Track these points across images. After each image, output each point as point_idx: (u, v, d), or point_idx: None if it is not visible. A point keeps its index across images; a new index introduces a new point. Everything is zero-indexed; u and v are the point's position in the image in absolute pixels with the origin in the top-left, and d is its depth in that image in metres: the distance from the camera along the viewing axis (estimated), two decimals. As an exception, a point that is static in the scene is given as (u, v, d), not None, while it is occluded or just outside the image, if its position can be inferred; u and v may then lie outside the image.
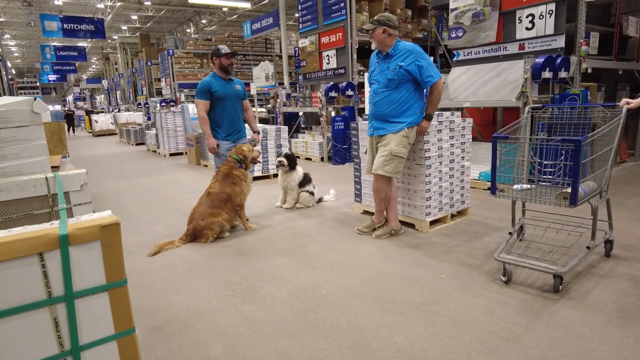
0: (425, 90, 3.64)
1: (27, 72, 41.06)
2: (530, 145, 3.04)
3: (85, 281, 1.09)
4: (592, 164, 2.93)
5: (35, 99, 2.34)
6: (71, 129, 22.32)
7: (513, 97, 5.32)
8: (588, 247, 2.91)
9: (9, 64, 25.82)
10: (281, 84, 15.79)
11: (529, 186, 3.16)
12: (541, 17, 5.42)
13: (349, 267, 3.21)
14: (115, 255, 1.12)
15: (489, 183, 5.50)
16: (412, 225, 4.07)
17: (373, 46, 3.60)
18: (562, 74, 5.24)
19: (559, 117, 3.35)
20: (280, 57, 16.97)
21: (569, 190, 2.66)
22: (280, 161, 4.92)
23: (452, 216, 4.27)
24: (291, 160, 4.95)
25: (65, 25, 16.65)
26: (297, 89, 14.37)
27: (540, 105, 3.53)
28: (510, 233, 3.30)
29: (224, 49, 4.35)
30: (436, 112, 3.77)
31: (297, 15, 21.33)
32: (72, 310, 1.07)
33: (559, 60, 5.16)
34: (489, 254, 3.35)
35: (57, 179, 1.83)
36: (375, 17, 3.53)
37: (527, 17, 5.59)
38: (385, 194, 3.69)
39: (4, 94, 13.26)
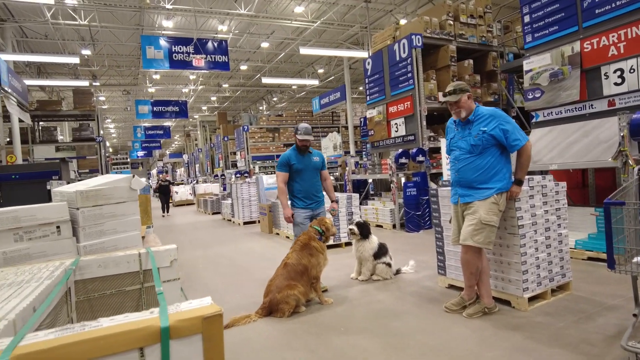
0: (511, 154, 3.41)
1: (121, 150, 46.22)
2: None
3: (183, 380, 1.00)
4: None
5: (133, 175, 2.49)
6: (166, 207, 16.03)
7: (608, 157, 4.84)
8: None
9: (107, 144, 29.35)
10: (347, 152, 16.12)
11: (650, 258, 2.70)
12: (632, 70, 5.05)
13: (443, 352, 2.86)
14: (216, 351, 1.03)
15: (588, 252, 4.91)
16: (507, 302, 3.62)
17: (463, 115, 3.47)
18: (666, 130, 4.71)
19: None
20: (347, 127, 17.54)
21: None
22: (351, 229, 4.80)
23: (553, 291, 3.77)
24: (363, 229, 4.79)
25: (154, 108, 18.77)
26: (364, 156, 14.55)
27: (652, 165, 3.13)
28: (635, 315, 2.78)
29: (302, 130, 4.46)
30: (525, 177, 3.49)
31: (361, 88, 22.24)
32: (169, 414, 0.97)
33: (660, 115, 4.67)
34: (610, 340, 2.83)
35: (150, 256, 1.84)
36: (453, 88, 3.44)
37: (614, 72, 5.25)
38: (476, 267, 3.36)
39: (102, 169, 14.85)
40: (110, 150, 44.38)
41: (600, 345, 2.78)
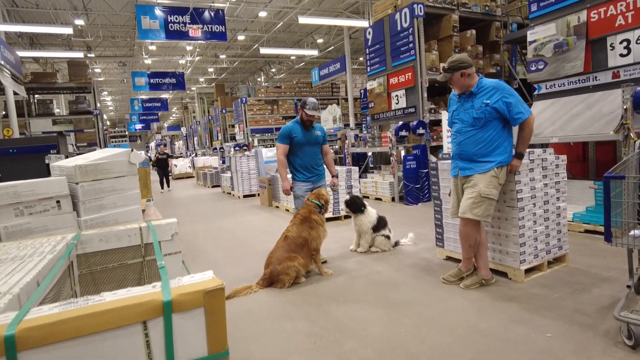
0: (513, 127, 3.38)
1: (118, 123, 45.86)
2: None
3: (186, 353, 1.02)
4: None
5: (132, 150, 2.47)
6: (164, 181, 15.07)
7: (610, 130, 4.81)
8: None
9: (104, 117, 29.06)
10: (347, 125, 16.00)
11: (647, 232, 2.72)
12: (638, 41, 4.94)
13: (439, 322, 2.92)
14: (219, 324, 1.04)
15: (586, 225, 4.95)
16: (504, 274, 3.68)
17: (456, 92, 3.44)
18: (670, 102, 4.66)
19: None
20: (346, 99, 17.33)
21: None
22: (344, 208, 4.90)
23: (549, 263, 3.82)
24: (352, 206, 4.87)
25: (151, 80, 18.47)
26: (364, 129, 14.45)
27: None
28: (628, 286, 2.83)
29: (310, 105, 4.40)
30: (526, 150, 3.47)
31: (362, 59, 21.84)
32: (172, 384, 0.99)
33: (665, 88, 4.61)
34: (604, 311, 2.89)
35: (151, 229, 1.85)
36: (446, 65, 3.37)
37: (620, 42, 5.14)
38: (475, 239, 3.39)
39: (100, 143, 14.76)
40: (108, 123, 44.03)
41: (594, 315, 2.84)
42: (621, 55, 5.15)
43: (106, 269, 1.91)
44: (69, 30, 12.22)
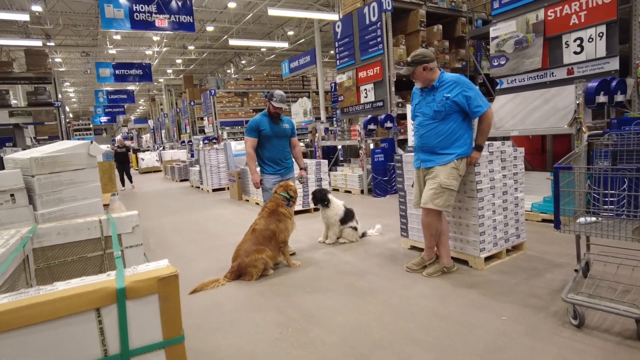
0: (473, 120, 3.51)
1: (82, 115, 44.15)
2: (593, 175, 2.82)
3: (141, 338, 1.03)
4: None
5: (91, 142, 2.42)
6: (125, 176, 13.64)
7: (565, 123, 5.05)
8: (673, 288, 2.59)
9: (67, 109, 27.90)
10: (318, 118, 16.03)
11: (594, 219, 2.90)
12: (590, 40, 5.20)
13: (402, 308, 3.02)
14: (173, 310, 1.06)
15: (543, 215, 5.19)
16: (465, 262, 3.83)
17: (419, 85, 3.54)
18: (619, 98, 4.94)
19: (622, 144, 3.11)
20: (317, 93, 17.35)
21: (648, 224, 2.40)
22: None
23: (508, 251, 4.00)
24: (315, 196, 4.99)
25: (117, 71, 17.86)
26: (334, 122, 14.52)
27: (600, 132, 3.30)
28: (576, 270, 3.01)
29: (277, 97, 4.38)
30: (486, 142, 3.61)
31: (332, 52, 21.88)
32: (128, 369, 1.01)
33: (614, 83, 4.88)
34: (554, 294, 3.07)
35: (110, 222, 1.84)
36: (409, 59, 3.46)
37: (574, 40, 5.39)
38: (436, 229, 3.51)
39: (62, 136, 14.19)
40: (71, 115, 42.33)
41: (546, 298, 3.02)
42: (575, 52, 5.40)
43: (65, 263, 1.88)
44: (25, 17, 11.65)
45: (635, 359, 2.19)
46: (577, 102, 4.81)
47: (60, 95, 14.49)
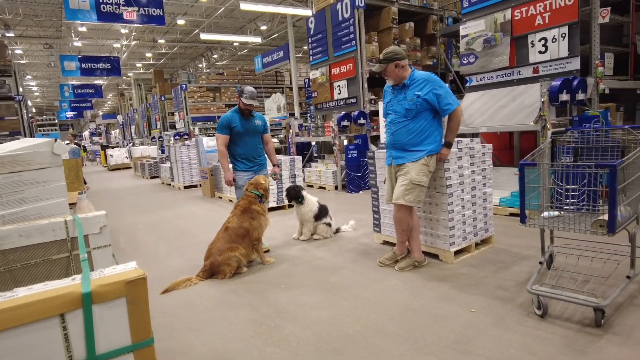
0: (443, 118, 3.59)
1: (47, 110, 42.39)
2: (556, 171, 2.94)
3: (109, 342, 1.01)
4: (625, 188, 2.81)
5: (55, 140, 2.33)
6: None
7: (531, 120, 5.23)
8: (628, 277, 2.74)
9: (29, 103, 26.70)
10: (292, 114, 15.98)
11: (557, 213, 3.03)
12: (554, 40, 5.39)
13: (374, 303, 3.07)
14: (142, 313, 1.04)
15: (511, 209, 5.36)
16: (435, 256, 3.92)
17: (390, 83, 3.60)
18: (580, 96, 5.16)
19: (583, 141, 3.25)
20: (291, 88, 17.26)
21: (605, 217, 2.53)
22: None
23: (477, 245, 4.13)
24: (291, 197, 4.99)
25: (83, 65, 17.24)
26: (308, 118, 14.51)
27: (563, 129, 3.43)
28: (540, 262, 3.14)
29: (247, 94, 4.33)
30: (455, 139, 3.70)
31: (306, 47, 21.81)
32: (95, 375, 0.99)
33: (575, 82, 5.09)
34: (521, 285, 3.19)
35: (77, 223, 1.78)
36: (381, 57, 3.51)
37: (539, 40, 5.58)
38: (407, 224, 3.58)
39: (25, 132, 13.60)
40: (34, 110, 40.58)
41: (512, 290, 3.13)
42: (540, 52, 5.59)
43: (28, 266, 1.81)
44: (-18, 7, 11.06)
45: (593, 344, 2.31)
46: (542, 100, 4.99)
47: (21, 89, 13.87)
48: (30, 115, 17.07)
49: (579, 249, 3.22)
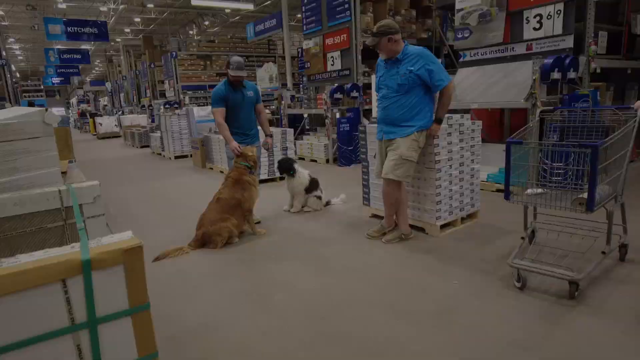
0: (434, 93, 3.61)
1: (32, 75, 41.25)
2: (542, 149, 3.01)
3: (108, 306, 1.08)
4: (606, 168, 2.89)
5: (46, 109, 2.32)
6: None
7: (522, 98, 5.27)
8: (603, 252, 2.87)
9: (13, 68, 25.92)
10: (284, 85, 15.77)
11: (541, 190, 3.12)
12: (549, 17, 5.36)
13: (361, 273, 3.19)
14: (138, 279, 1.10)
15: (498, 185, 5.47)
16: (422, 230, 4.03)
17: (383, 57, 3.58)
18: (571, 75, 5.19)
19: (571, 120, 3.31)
20: (284, 58, 16.95)
21: (585, 195, 2.62)
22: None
23: (463, 219, 4.23)
24: (283, 168, 5.02)
25: (69, 29, 16.67)
26: (301, 90, 14.35)
27: (552, 108, 3.49)
28: (522, 238, 3.25)
29: (234, 64, 4.23)
30: (445, 115, 3.74)
31: (299, 16, 21.31)
32: (95, 336, 1.06)
33: (567, 61, 5.11)
34: (502, 259, 3.31)
35: (71, 192, 1.81)
36: (374, 30, 3.48)
37: (534, 17, 5.54)
38: (396, 198, 3.66)
39: (9, 98, 13.30)
40: (18, 75, 39.43)
41: (494, 263, 3.26)
42: (534, 28, 5.56)
43: (24, 234, 1.85)
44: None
45: (566, 315, 2.44)
46: (534, 77, 5.01)
47: (4, 53, 13.46)
48: (14, 80, 16.64)
49: (560, 225, 3.34)
